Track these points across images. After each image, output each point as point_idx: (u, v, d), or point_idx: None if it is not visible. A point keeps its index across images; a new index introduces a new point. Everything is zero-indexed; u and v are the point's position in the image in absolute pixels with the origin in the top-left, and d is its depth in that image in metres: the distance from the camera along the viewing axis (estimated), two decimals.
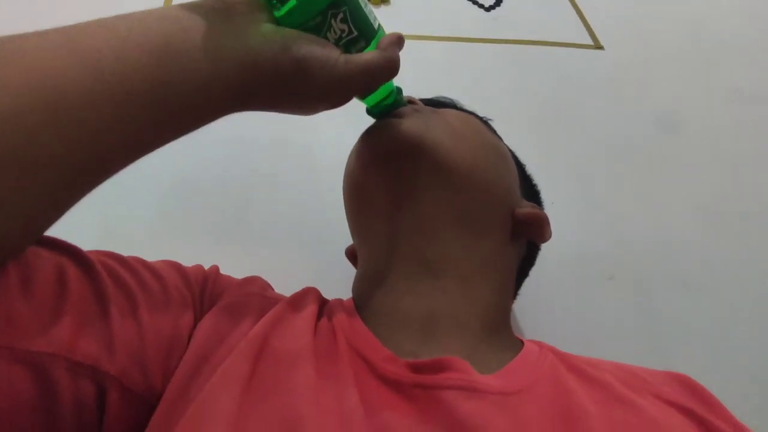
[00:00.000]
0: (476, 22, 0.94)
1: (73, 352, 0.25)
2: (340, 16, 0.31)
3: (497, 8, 0.97)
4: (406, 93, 0.60)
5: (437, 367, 0.29)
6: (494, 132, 0.48)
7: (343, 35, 0.32)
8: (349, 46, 0.33)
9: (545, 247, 0.54)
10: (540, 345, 0.34)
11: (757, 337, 0.61)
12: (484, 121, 0.48)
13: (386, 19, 0.95)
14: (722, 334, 0.61)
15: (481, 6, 0.97)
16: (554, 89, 0.84)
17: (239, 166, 0.68)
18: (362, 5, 0.33)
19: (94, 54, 0.23)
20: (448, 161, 0.36)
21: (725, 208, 0.72)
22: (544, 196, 0.54)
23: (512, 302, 0.43)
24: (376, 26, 0.34)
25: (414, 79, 0.80)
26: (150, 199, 0.63)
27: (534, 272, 0.53)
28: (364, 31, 0.33)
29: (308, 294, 0.36)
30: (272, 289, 0.41)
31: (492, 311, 0.36)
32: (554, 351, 0.34)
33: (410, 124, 0.37)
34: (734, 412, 0.57)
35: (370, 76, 0.31)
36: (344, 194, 0.42)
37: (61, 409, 0.24)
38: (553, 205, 0.56)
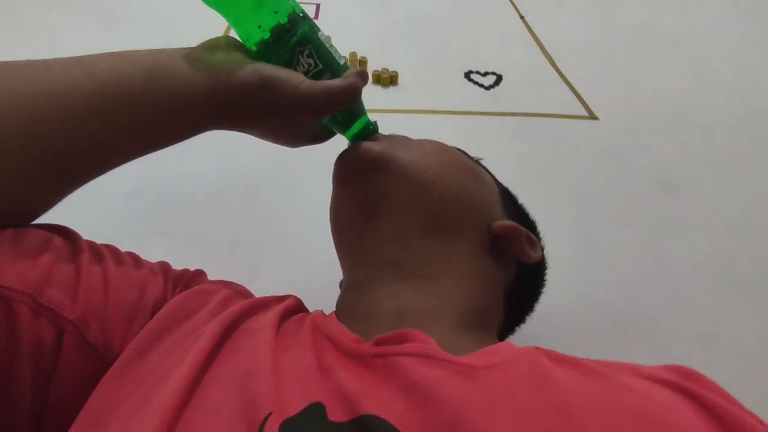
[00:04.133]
0: (477, 99, 1.02)
1: (40, 294, 0.28)
2: (306, 52, 0.38)
3: (496, 87, 1.06)
4: None
5: (399, 338, 0.30)
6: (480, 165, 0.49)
7: (310, 68, 0.38)
8: (317, 77, 0.39)
9: (552, 303, 0.54)
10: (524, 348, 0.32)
11: None
12: (470, 157, 0.49)
13: (394, 99, 1.04)
14: (742, 386, 0.59)
15: (481, 86, 1.06)
16: (553, 155, 0.89)
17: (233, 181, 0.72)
18: (326, 45, 0.40)
19: (91, 65, 0.30)
20: (412, 172, 0.39)
21: (729, 260, 0.72)
22: (547, 252, 0.55)
23: (501, 319, 0.42)
24: (341, 62, 0.40)
25: None
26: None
27: (543, 328, 0.53)
28: (328, 64, 0.39)
29: (289, 296, 0.39)
30: (253, 296, 0.42)
31: (466, 311, 0.36)
32: (538, 348, 0.32)
33: (375, 144, 0.40)
34: None
35: (331, 97, 0.36)
36: (330, 220, 0.44)
37: (21, 343, 0.27)
38: (558, 261, 0.58)
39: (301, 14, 0.39)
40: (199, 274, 0.40)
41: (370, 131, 0.43)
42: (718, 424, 0.24)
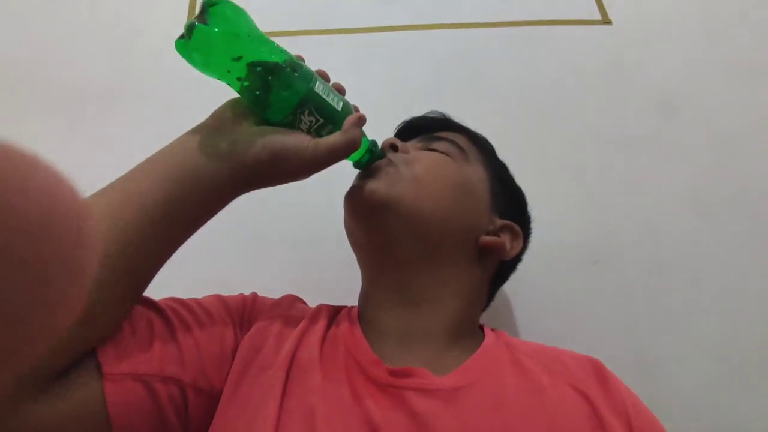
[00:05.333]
0: (484, 5, 0.94)
1: (162, 371, 0.40)
2: (307, 111, 0.42)
3: None
4: (416, 85, 0.77)
5: (405, 373, 0.42)
6: (483, 146, 0.56)
7: (312, 124, 0.43)
8: (319, 130, 0.43)
9: (532, 237, 0.59)
10: (497, 336, 0.48)
11: (732, 323, 0.66)
12: (472, 135, 0.56)
13: (393, 12, 0.97)
14: (698, 320, 0.66)
15: None
16: (557, 74, 0.87)
17: None
18: (324, 96, 0.43)
19: (137, 196, 0.39)
20: (410, 212, 0.47)
21: (714, 193, 0.75)
22: (536, 183, 0.59)
23: (483, 306, 0.54)
24: (339, 108, 0.44)
25: (422, 70, 0.85)
26: None
27: (521, 264, 0.58)
28: (329, 117, 0.43)
29: (321, 310, 0.50)
30: (301, 302, 0.54)
31: (458, 322, 0.48)
32: (507, 342, 0.47)
33: (376, 185, 0.47)
34: (703, 392, 0.62)
35: (335, 155, 0.42)
36: (345, 231, 0.53)
37: (164, 407, 0.39)
38: (543, 192, 0.61)
39: (285, 65, 0.41)
40: (254, 301, 0.50)
41: (374, 154, 0.48)
42: None
